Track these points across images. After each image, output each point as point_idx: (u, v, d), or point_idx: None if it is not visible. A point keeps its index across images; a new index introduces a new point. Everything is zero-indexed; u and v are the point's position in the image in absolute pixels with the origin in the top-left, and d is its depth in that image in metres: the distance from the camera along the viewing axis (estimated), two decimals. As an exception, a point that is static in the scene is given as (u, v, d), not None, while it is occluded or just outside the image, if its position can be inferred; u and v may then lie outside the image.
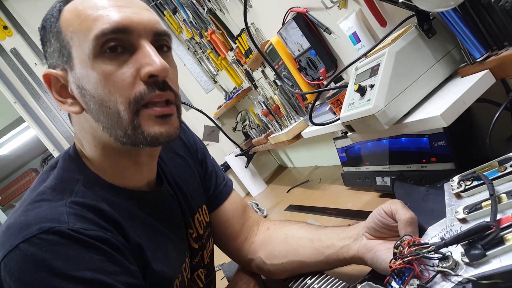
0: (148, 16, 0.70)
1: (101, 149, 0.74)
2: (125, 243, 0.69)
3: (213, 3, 2.14)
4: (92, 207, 0.68)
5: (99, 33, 0.64)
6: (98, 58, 0.65)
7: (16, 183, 5.23)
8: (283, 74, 1.61)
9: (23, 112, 2.76)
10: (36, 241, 0.59)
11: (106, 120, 0.68)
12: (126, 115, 0.67)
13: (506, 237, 0.50)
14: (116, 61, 0.66)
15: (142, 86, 0.66)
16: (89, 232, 0.63)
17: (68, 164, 0.76)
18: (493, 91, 0.76)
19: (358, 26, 1.12)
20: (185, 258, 0.86)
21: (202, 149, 1.06)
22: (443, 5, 0.68)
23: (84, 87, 0.68)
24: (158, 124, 0.69)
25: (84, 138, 0.76)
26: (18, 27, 2.77)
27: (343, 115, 0.91)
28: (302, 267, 0.91)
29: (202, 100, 3.02)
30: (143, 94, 0.66)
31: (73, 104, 0.71)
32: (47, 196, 0.68)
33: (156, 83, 0.67)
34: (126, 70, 0.66)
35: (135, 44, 0.67)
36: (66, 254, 0.60)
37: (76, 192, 0.69)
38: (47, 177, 0.74)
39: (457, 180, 0.69)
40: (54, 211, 0.64)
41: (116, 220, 0.70)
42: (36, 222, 0.61)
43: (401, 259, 0.60)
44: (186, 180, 0.95)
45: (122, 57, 0.66)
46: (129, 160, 0.77)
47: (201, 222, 0.96)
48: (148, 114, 0.68)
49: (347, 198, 1.44)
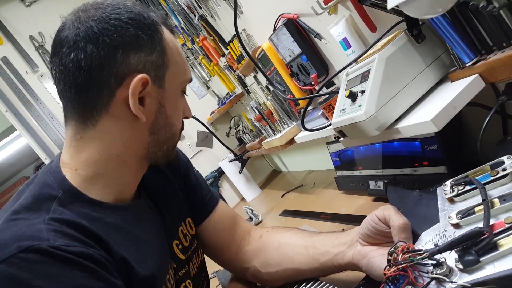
0: None
1: (107, 159, 0.74)
2: (108, 257, 0.67)
3: (204, 10, 2.14)
4: (72, 223, 0.65)
5: (189, 79, 0.83)
6: (180, 93, 0.82)
7: (9, 191, 5.17)
8: (275, 80, 1.61)
9: (14, 121, 2.74)
10: (14, 261, 0.56)
11: (164, 135, 0.79)
12: (177, 136, 0.84)
13: (500, 243, 0.50)
14: (183, 101, 0.84)
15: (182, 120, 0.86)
16: (71, 249, 0.60)
17: (47, 178, 0.73)
18: (483, 95, 0.76)
19: (349, 32, 1.12)
20: (168, 270, 0.83)
21: (184, 163, 1.05)
22: (431, 12, 0.68)
23: (164, 106, 0.77)
24: None
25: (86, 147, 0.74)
26: (9, 35, 2.75)
27: (335, 120, 0.91)
28: (297, 274, 0.91)
29: (195, 106, 3.00)
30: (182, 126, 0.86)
31: (143, 113, 0.74)
32: (22, 215, 0.65)
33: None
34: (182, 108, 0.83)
35: None
36: (48, 273, 0.57)
37: (53, 211, 0.67)
38: (22, 194, 0.71)
39: (449, 184, 0.69)
40: (32, 229, 0.61)
41: (97, 235, 0.67)
42: (13, 241, 0.58)
43: (395, 266, 0.60)
44: (167, 195, 0.94)
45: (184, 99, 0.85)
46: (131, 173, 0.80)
47: (186, 235, 0.94)
48: None
49: (341, 202, 1.44)
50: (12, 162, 5.20)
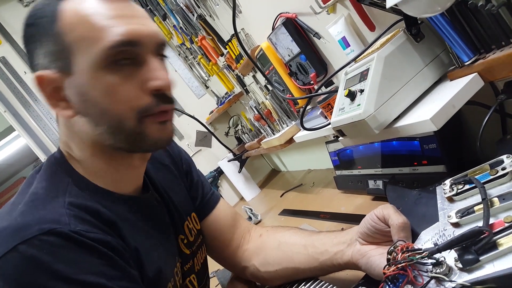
0: (154, 27, 0.71)
1: (91, 152, 0.73)
2: (124, 246, 0.68)
3: (202, 9, 2.13)
4: (89, 208, 0.66)
5: (110, 45, 0.64)
6: (105, 69, 0.65)
7: (8, 191, 5.18)
8: (274, 79, 1.61)
9: (13, 121, 2.73)
10: (36, 243, 0.57)
11: (107, 126, 0.69)
12: (131, 123, 0.68)
13: (499, 242, 0.50)
14: (123, 73, 0.67)
15: (148, 98, 0.68)
16: (91, 235, 0.61)
17: (55, 167, 0.74)
18: (482, 93, 0.76)
19: (347, 31, 1.12)
20: (176, 263, 0.85)
21: (186, 160, 1.05)
22: (430, 11, 0.68)
23: (87, 94, 0.67)
24: (160, 130, 0.71)
25: (72, 141, 0.74)
26: (7, 35, 2.75)
27: (334, 120, 0.91)
28: (297, 273, 0.91)
29: (194, 106, 3.01)
30: (150, 106, 0.68)
31: (66, 108, 0.69)
32: (40, 195, 0.66)
33: (162, 96, 0.69)
34: (133, 82, 0.67)
35: (143, 57, 0.68)
36: (68, 257, 0.58)
37: (70, 191, 0.68)
38: (33, 180, 0.71)
39: (449, 183, 0.69)
40: (53, 212, 0.62)
41: (114, 222, 0.68)
42: (35, 223, 0.59)
43: (394, 265, 0.60)
44: (173, 190, 0.94)
45: (128, 69, 0.67)
46: (121, 163, 0.76)
47: (192, 230, 0.95)
48: (152, 121, 0.69)
49: (340, 201, 1.44)
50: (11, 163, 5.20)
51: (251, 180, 2.61)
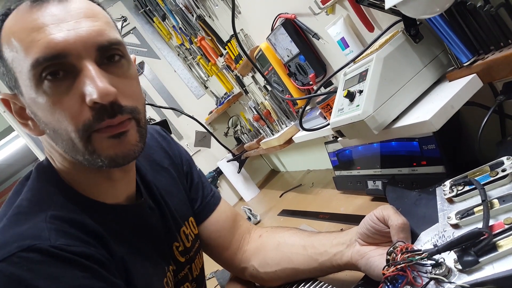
0: (87, 28, 0.63)
1: (70, 166, 0.71)
2: (109, 257, 0.67)
3: (202, 10, 2.13)
4: (73, 220, 0.65)
5: (34, 62, 0.60)
6: (40, 87, 0.61)
7: (8, 191, 5.17)
8: (273, 80, 1.61)
9: (12, 122, 2.73)
10: (15, 260, 0.56)
11: (63, 145, 0.66)
12: (79, 142, 0.64)
13: (499, 244, 0.50)
14: (59, 89, 0.62)
15: (89, 113, 0.62)
16: (72, 249, 0.60)
17: (42, 176, 0.72)
18: (481, 94, 0.76)
19: (346, 32, 1.12)
20: (166, 273, 0.83)
21: (187, 161, 1.04)
22: (429, 12, 0.68)
23: (36, 114, 0.65)
24: (113, 145, 0.65)
25: (53, 155, 0.73)
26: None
27: (333, 120, 0.91)
28: (296, 274, 0.91)
29: (193, 106, 3.01)
30: (91, 122, 0.62)
31: (34, 127, 0.68)
32: (24, 209, 0.65)
33: (103, 109, 0.62)
34: (70, 98, 0.62)
35: (77, 66, 0.62)
36: (48, 273, 0.57)
37: (55, 203, 0.66)
38: (22, 188, 0.70)
39: (448, 185, 0.69)
40: (33, 228, 0.61)
41: (98, 233, 0.67)
42: (14, 240, 0.58)
43: (394, 266, 0.60)
44: (171, 193, 0.93)
45: (65, 82, 0.62)
46: (100, 176, 0.73)
47: (189, 235, 0.94)
48: (100, 137, 0.64)
49: (340, 202, 1.44)
50: (10, 163, 5.19)
51: (250, 180, 2.61)
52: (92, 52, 0.63)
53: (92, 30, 0.63)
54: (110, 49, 0.66)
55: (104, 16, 0.68)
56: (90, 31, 0.63)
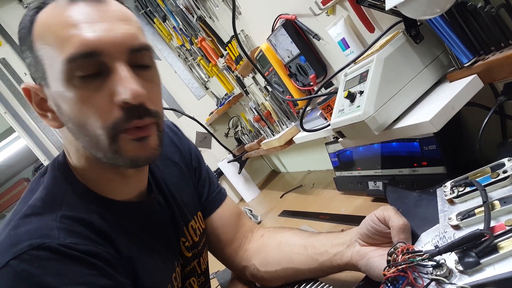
0: (123, 30, 0.65)
1: (85, 161, 0.73)
2: (116, 255, 0.69)
3: (202, 11, 2.13)
4: (82, 220, 0.68)
5: (69, 57, 0.61)
6: (71, 82, 0.63)
7: (8, 193, 5.18)
8: (273, 81, 1.61)
9: (13, 122, 2.73)
10: (26, 257, 0.59)
11: (86, 140, 0.67)
12: (105, 140, 0.65)
13: (500, 245, 0.50)
14: (90, 86, 0.63)
15: (118, 112, 0.64)
16: (80, 247, 0.63)
17: (57, 173, 0.74)
18: (482, 95, 0.76)
19: (347, 32, 1.12)
20: (175, 268, 0.85)
21: (196, 156, 1.05)
22: (429, 12, 0.68)
23: (61, 107, 0.66)
24: (136, 147, 0.67)
25: (69, 149, 0.75)
26: (7, 36, 2.75)
27: (334, 121, 0.91)
28: (296, 274, 0.91)
29: (194, 107, 3.01)
30: (120, 122, 0.64)
31: (53, 119, 0.69)
32: (37, 209, 0.67)
33: (133, 109, 0.64)
34: (101, 96, 0.63)
35: (109, 65, 0.64)
36: (57, 269, 0.60)
37: (67, 202, 0.69)
38: (37, 186, 0.73)
39: (449, 186, 0.69)
40: (44, 226, 0.64)
41: (106, 232, 0.70)
42: (26, 238, 0.61)
43: (395, 267, 0.60)
44: (181, 188, 0.94)
45: (96, 80, 0.63)
46: (114, 173, 0.75)
47: (197, 230, 0.95)
48: (126, 138, 0.66)
49: (340, 202, 1.44)
50: (11, 164, 5.21)
51: (251, 181, 2.61)
52: (125, 54, 0.65)
53: (126, 33, 0.65)
54: (141, 53, 0.68)
55: (136, 21, 0.70)
56: (125, 34, 0.65)
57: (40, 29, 0.65)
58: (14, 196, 5.12)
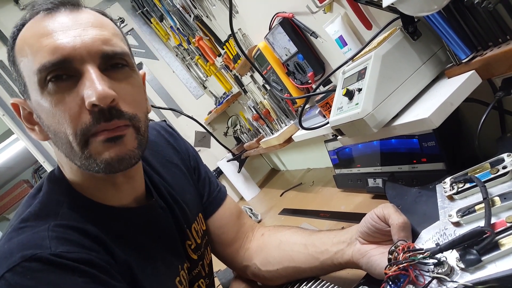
0: (93, 35, 0.66)
1: (78, 172, 0.73)
2: (110, 261, 0.69)
3: (199, 10, 2.13)
4: (75, 227, 0.67)
5: (40, 67, 0.63)
6: (45, 90, 0.64)
7: (8, 195, 5.16)
8: (271, 79, 1.61)
9: (11, 125, 2.73)
10: (19, 270, 0.59)
11: (64, 149, 0.68)
12: (77, 146, 0.65)
13: (501, 242, 0.50)
14: (61, 90, 0.64)
15: (87, 116, 0.64)
16: (72, 255, 0.63)
17: (52, 186, 0.75)
18: (480, 91, 0.76)
19: (344, 30, 1.12)
20: (179, 272, 0.85)
21: (194, 156, 1.05)
22: (427, 9, 0.68)
23: (40, 117, 0.68)
24: (107, 148, 0.66)
25: (61, 161, 0.75)
26: (4, 39, 2.74)
27: (332, 119, 0.91)
28: (297, 272, 0.91)
29: (192, 106, 3.00)
30: (88, 126, 0.64)
31: (40, 132, 0.71)
32: (30, 222, 0.67)
33: (101, 112, 0.64)
34: (71, 100, 0.64)
35: (80, 70, 0.64)
36: (49, 280, 0.60)
37: (61, 215, 0.69)
38: (32, 200, 0.73)
39: (449, 182, 0.69)
40: (35, 237, 0.64)
41: (100, 238, 0.69)
42: (18, 250, 0.61)
43: (396, 265, 0.59)
44: (183, 189, 0.94)
45: (67, 84, 0.64)
46: (104, 181, 0.75)
47: (199, 231, 0.95)
48: (96, 141, 0.65)
49: (340, 200, 1.44)
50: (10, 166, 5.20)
51: (251, 179, 2.61)
52: (95, 58, 0.65)
53: (97, 38, 0.66)
54: (114, 58, 0.68)
55: (112, 28, 0.71)
56: (95, 39, 0.66)
57: (19, 43, 0.68)
58: (14, 197, 5.11)
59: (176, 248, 0.86)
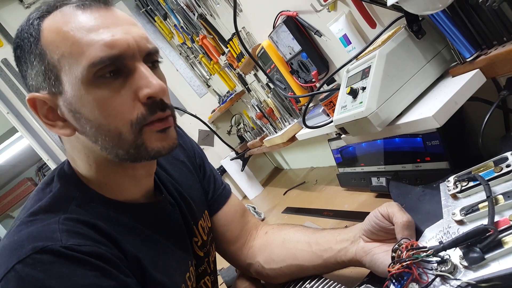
0: (139, 34, 0.68)
1: (96, 167, 0.74)
2: (120, 256, 0.69)
3: (203, 8, 2.13)
4: (86, 222, 0.68)
5: (96, 61, 0.63)
6: (92, 85, 0.65)
7: (12, 192, 5.18)
8: (275, 78, 1.61)
9: (16, 123, 2.74)
10: (30, 261, 0.59)
11: (105, 141, 0.68)
12: (129, 136, 0.68)
13: (504, 240, 0.50)
14: (112, 86, 0.66)
15: (142, 108, 0.67)
16: (82, 248, 0.63)
17: (63, 181, 0.75)
18: (484, 89, 0.76)
19: (348, 28, 1.12)
20: (189, 267, 0.85)
21: (199, 154, 1.06)
22: (431, 7, 0.68)
23: (79, 111, 0.67)
24: (160, 138, 0.70)
25: (77, 157, 0.75)
26: (8, 37, 2.75)
27: (336, 118, 0.91)
28: (301, 271, 0.91)
29: (196, 105, 3.01)
30: (145, 116, 0.67)
31: (64, 127, 0.70)
32: (40, 216, 0.67)
33: (155, 103, 0.68)
34: (124, 94, 0.66)
35: (130, 66, 0.67)
36: (60, 272, 0.60)
37: (71, 209, 0.69)
38: (43, 196, 0.73)
39: (452, 180, 0.69)
40: (46, 229, 0.64)
41: (111, 234, 0.70)
42: (29, 242, 0.61)
43: (399, 263, 0.60)
44: (190, 186, 0.95)
45: (117, 81, 0.66)
46: (125, 175, 0.76)
47: (205, 228, 0.96)
48: (150, 131, 0.69)
49: (344, 199, 1.44)
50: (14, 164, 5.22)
51: (254, 178, 2.61)
52: (143, 55, 0.69)
53: (142, 36, 0.69)
54: (154, 55, 0.72)
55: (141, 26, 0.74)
56: (142, 37, 0.69)
57: (52, 36, 0.65)
58: (18, 195, 5.12)
59: (185, 244, 0.87)
